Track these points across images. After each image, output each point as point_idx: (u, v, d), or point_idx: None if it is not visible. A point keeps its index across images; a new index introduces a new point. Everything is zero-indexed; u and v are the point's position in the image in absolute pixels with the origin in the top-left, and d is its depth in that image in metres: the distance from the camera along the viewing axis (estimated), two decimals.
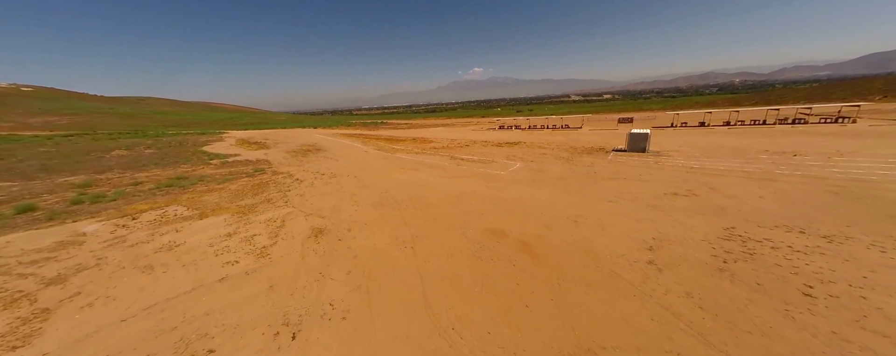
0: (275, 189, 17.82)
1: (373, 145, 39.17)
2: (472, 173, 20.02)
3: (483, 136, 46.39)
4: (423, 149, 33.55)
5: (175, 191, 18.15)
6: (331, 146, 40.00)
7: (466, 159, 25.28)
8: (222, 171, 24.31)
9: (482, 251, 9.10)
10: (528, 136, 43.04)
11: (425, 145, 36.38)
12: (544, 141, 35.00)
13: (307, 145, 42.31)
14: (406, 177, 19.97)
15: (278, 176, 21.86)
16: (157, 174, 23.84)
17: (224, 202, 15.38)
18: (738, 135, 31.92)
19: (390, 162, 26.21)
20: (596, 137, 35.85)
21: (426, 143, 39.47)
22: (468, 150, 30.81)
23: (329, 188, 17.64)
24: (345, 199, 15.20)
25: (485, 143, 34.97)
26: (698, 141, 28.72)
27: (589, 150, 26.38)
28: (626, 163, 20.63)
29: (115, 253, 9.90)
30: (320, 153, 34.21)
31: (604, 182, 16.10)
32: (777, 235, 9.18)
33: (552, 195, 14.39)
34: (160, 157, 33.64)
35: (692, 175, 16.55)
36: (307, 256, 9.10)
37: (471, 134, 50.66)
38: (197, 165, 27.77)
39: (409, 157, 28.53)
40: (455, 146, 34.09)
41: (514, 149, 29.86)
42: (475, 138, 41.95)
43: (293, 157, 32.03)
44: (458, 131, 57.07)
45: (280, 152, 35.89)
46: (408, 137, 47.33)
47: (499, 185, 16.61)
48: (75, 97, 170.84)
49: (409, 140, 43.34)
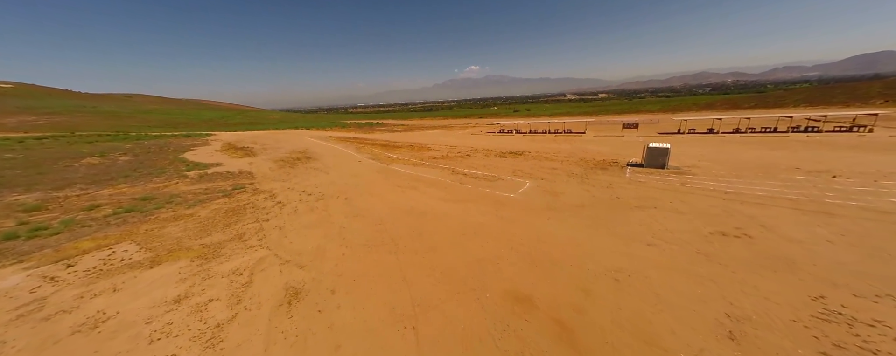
0: (251, 217, 15.40)
1: (367, 153, 36.76)
2: (477, 195, 17.78)
3: (484, 141, 44.19)
4: (421, 158, 31.23)
5: (135, 218, 15.64)
6: (322, 154, 37.49)
7: (469, 174, 23.02)
8: (197, 189, 21.76)
9: (506, 337, 6.87)
10: (530, 142, 40.93)
11: (423, 154, 34.06)
12: (550, 150, 32.89)
13: (297, 152, 39.74)
14: (404, 199, 17.67)
15: (259, 196, 19.39)
16: (123, 192, 21.22)
17: (187, 238, 12.94)
18: (754, 146, 30.08)
19: (386, 177, 23.87)
20: (604, 147, 33.84)
21: (424, 150, 37.16)
22: (470, 161, 28.56)
23: (315, 217, 15.26)
24: (332, 236, 12.85)
25: (487, 153, 32.75)
26: (716, 153, 26.77)
27: (602, 165, 24.29)
28: (649, 183, 18.54)
29: (18, 334, 7.48)
30: (310, 163, 31.73)
31: (632, 212, 13.97)
32: (889, 312, 7.10)
33: (577, 232, 12.20)
34: (134, 166, 30.88)
35: (731, 204, 14.49)
36: (273, 347, 6.77)
37: (470, 139, 48.43)
38: (171, 179, 25.13)
39: (406, 169, 26.20)
40: (455, 155, 31.81)
41: (520, 160, 27.68)
42: (476, 145, 39.72)
43: (280, 167, 29.50)
44: (457, 135, 54.80)
45: (267, 161, 33.31)
46: (405, 143, 44.94)
47: (511, 215, 14.40)
48: (58, 95, 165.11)
49: (406, 146, 40.97)
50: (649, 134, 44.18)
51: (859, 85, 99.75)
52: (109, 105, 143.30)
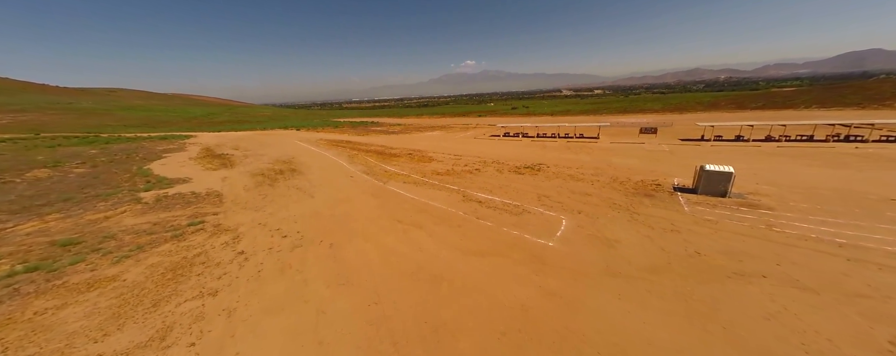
0: (195, 286, 11.00)
1: (361, 163, 32.32)
2: (504, 242, 13.58)
3: (490, 148, 39.92)
4: (423, 173, 26.92)
5: (33, 286, 11.13)
6: (309, 165, 32.95)
7: (486, 202, 18.77)
8: (144, 223, 17.23)
9: None
10: (543, 150, 36.75)
11: (425, 166, 29.73)
12: (571, 163, 28.76)
13: (281, 162, 35.14)
14: (408, 247, 13.41)
15: (218, 239, 14.96)
16: (48, 228, 16.62)
17: (82, 339, 8.58)
18: (805, 160, 26.20)
19: (383, 203, 19.54)
20: (631, 158, 29.78)
21: (425, 160, 32.81)
22: (481, 179, 24.33)
23: (284, 286, 10.92)
24: (302, 336, 8.56)
25: (498, 166, 28.51)
26: (771, 172, 22.80)
27: (644, 189, 20.21)
28: (722, 224, 14.46)
29: None
30: (294, 178, 27.24)
31: (735, 286, 9.89)
32: None
33: (678, 336, 8.08)
34: (85, 183, 26.10)
35: (863, 268, 10.48)
36: None
37: (475, 145, 44.12)
38: (119, 205, 20.52)
39: (407, 190, 21.88)
40: (463, 170, 27.54)
41: (541, 179, 23.50)
42: (482, 153, 35.43)
43: (257, 185, 24.98)
44: (459, 140, 50.45)
45: (243, 175, 28.74)
46: (403, 150, 40.50)
47: (561, 287, 10.22)
48: (34, 89, 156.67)
49: (405, 155, 36.57)
50: (670, 141, 40.35)
51: (868, 84, 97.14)
52: (88, 101, 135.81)
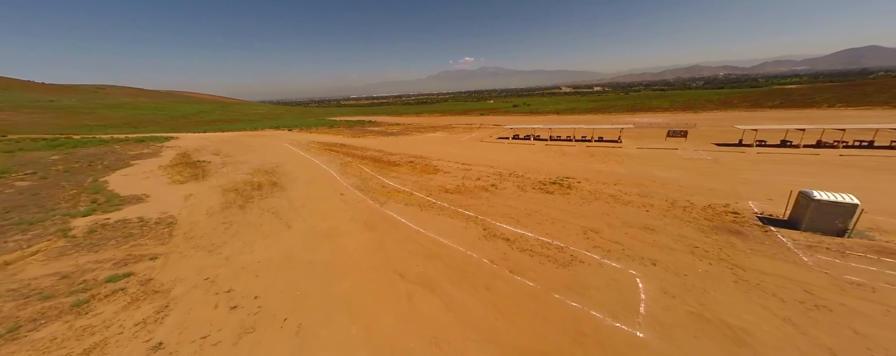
0: None
1: (354, 175, 27.59)
2: (562, 326, 8.92)
3: (501, 154, 35.21)
4: (428, 190, 22.24)
5: None
6: (295, 176, 28.19)
7: (515, 239, 14.08)
8: (46, 277, 12.44)
9: None
10: (563, 158, 32.04)
11: (430, 180, 25.03)
12: (604, 177, 24.10)
13: (264, 172, 30.35)
14: (415, 339, 8.78)
15: (136, 312, 10.18)
16: None
17: None
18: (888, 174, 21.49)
19: (379, 240, 14.85)
20: (674, 171, 25.11)
21: (430, 170, 28.10)
22: (501, 199, 19.65)
23: None
24: None
25: (518, 181, 23.83)
26: (874, 195, 18.00)
27: (719, 219, 15.57)
28: (884, 292, 9.90)
29: None
30: (273, 194, 22.50)
31: None
32: None
33: None
34: (15, 203, 21.19)
35: None
36: None
37: (483, 149, 39.38)
38: (34, 242, 15.70)
39: (410, 219, 17.15)
40: (476, 185, 22.86)
41: (576, 201, 18.82)
42: (495, 162, 30.69)
43: (225, 208, 20.21)
44: (465, 143, 45.68)
45: (214, 192, 23.98)
46: (403, 156, 35.73)
47: None
48: (17, 87, 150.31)
49: (406, 164, 31.83)
50: (704, 146, 35.76)
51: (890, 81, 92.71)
52: (72, 99, 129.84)
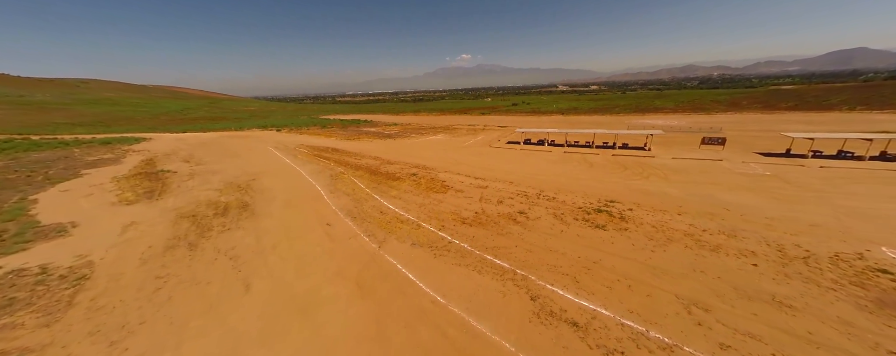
0: None
1: (346, 194, 22.54)
2: None
3: (519, 164, 30.22)
4: (440, 218, 17.31)
5: None
6: (273, 195, 23.04)
7: (584, 324, 9.25)
8: None
9: None
10: (592, 170, 27.14)
11: (440, 203, 20.07)
12: (657, 201, 19.30)
13: (237, 186, 25.15)
14: None
15: None
16: None
17: None
18: None
19: (377, 315, 9.82)
20: (741, 192, 20.37)
21: (437, 187, 23.13)
22: (538, 237, 14.81)
23: None
24: None
25: (553, 206, 18.96)
26: None
27: (864, 280, 10.92)
28: None
29: None
30: (239, 225, 17.36)
31: None
32: None
33: None
34: None
35: None
36: None
37: (495, 157, 34.42)
38: None
39: (420, 274, 12.16)
40: (499, 212, 17.97)
41: (640, 244, 14.02)
42: (515, 176, 25.72)
43: (168, 250, 15.05)
44: (473, 150, 40.67)
45: (164, 218, 18.78)
46: (404, 167, 30.65)
47: None
48: None
49: (408, 177, 26.79)
50: (747, 155, 31.29)
51: None
52: (47, 94, 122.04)
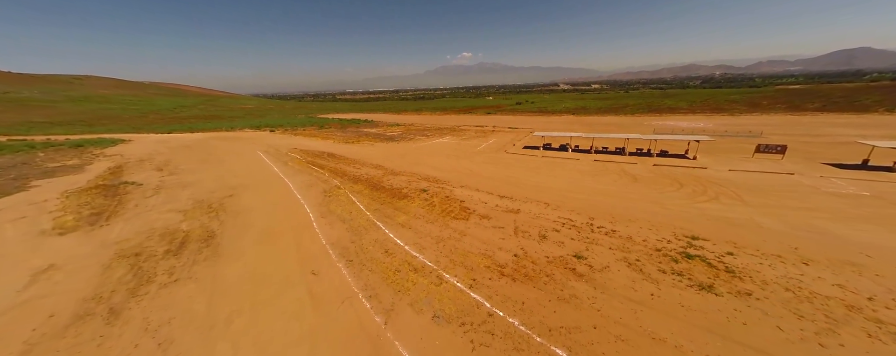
0: None
1: (342, 218, 17.69)
2: None
3: (548, 176, 25.16)
4: (468, 266, 12.51)
5: None
6: (250, 219, 18.21)
7: None
8: None
9: None
10: (637, 187, 22.09)
11: (462, 235, 15.25)
12: (768, 244, 14.31)
13: (207, 207, 20.34)
14: None
15: None
16: None
17: None
18: None
19: None
20: (869, 228, 15.61)
21: (456, 211, 18.26)
22: (625, 311, 9.98)
23: None
24: None
25: (619, 244, 14.12)
26: None
27: None
28: None
29: None
30: (193, 272, 12.52)
31: None
32: None
33: None
34: None
35: None
36: None
37: (515, 166, 29.40)
38: None
39: None
40: (546, 254, 13.15)
41: (795, 336, 9.28)
42: (549, 194, 20.78)
43: (82, 316, 10.22)
44: (485, 154, 35.79)
45: (98, 259, 13.96)
46: (411, 179, 25.77)
47: None
48: None
49: (417, 195, 21.93)
50: (820, 168, 26.43)
51: None
52: (34, 90, 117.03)
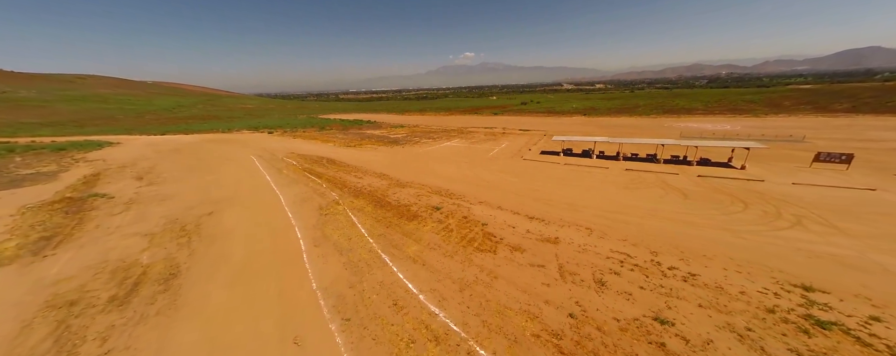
0: None
1: (339, 247, 14.11)
2: None
3: (577, 188, 21.16)
4: (511, 339, 8.90)
5: None
6: (228, 246, 14.69)
7: None
8: None
9: None
10: (689, 203, 18.10)
11: (492, 276, 11.64)
12: None
13: (179, 230, 16.80)
14: None
15: None
16: None
17: None
18: None
19: None
20: None
21: (479, 239, 14.63)
22: None
23: None
24: None
25: (709, 297, 10.33)
26: None
27: None
28: None
29: None
30: (130, 344, 8.99)
31: None
32: None
33: None
34: None
35: None
36: None
37: (538, 177, 25.58)
38: None
39: None
40: (621, 324, 9.44)
41: None
42: (587, 215, 16.95)
43: None
44: (499, 160, 32.11)
45: (26, 304, 10.50)
46: (422, 194, 22.17)
47: None
48: None
49: (429, 214, 18.31)
50: (889, 180, 22.52)
51: None
52: (32, 89, 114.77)
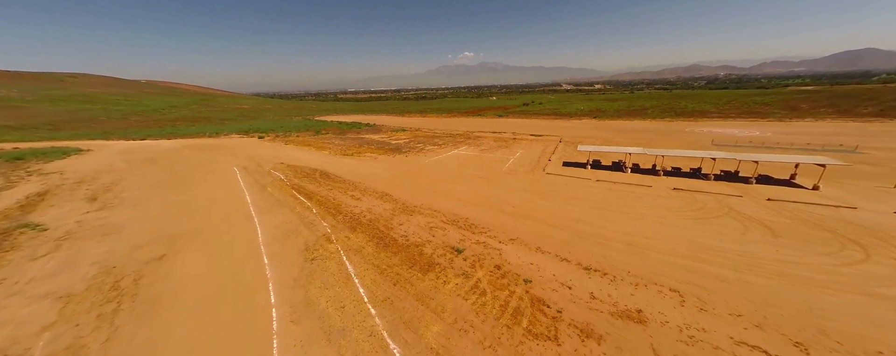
0: None
1: (330, 319, 9.67)
2: None
3: (628, 217, 16.21)
4: None
5: None
6: (172, 319, 9.96)
7: None
8: None
9: None
10: (793, 246, 13.31)
11: None
12: None
13: (114, 283, 12.04)
14: None
15: None
16: None
17: None
18: None
19: None
20: None
21: (526, 316, 9.99)
22: None
23: None
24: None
25: None
26: None
27: None
28: None
29: None
30: None
31: None
32: None
33: None
34: None
35: None
36: None
37: (574, 201, 20.73)
38: None
39: None
40: None
41: None
42: (671, 269, 12.43)
43: None
44: (521, 177, 27.57)
45: None
46: (435, 226, 17.59)
47: None
48: None
49: (448, 257, 13.83)
50: None
51: None
52: (14, 89, 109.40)
